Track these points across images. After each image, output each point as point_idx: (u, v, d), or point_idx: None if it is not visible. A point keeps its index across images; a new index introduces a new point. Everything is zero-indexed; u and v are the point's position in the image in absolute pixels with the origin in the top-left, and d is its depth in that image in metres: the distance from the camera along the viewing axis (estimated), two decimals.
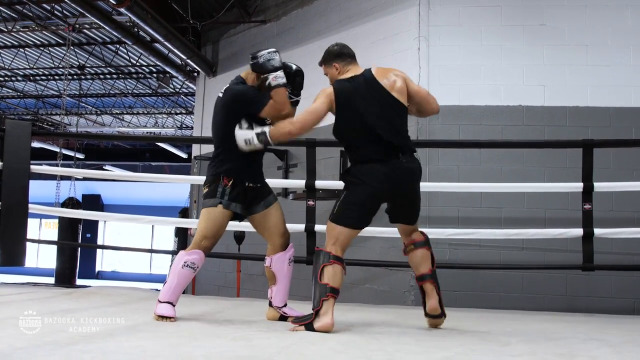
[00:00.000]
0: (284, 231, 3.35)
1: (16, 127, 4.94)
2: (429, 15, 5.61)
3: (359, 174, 2.97)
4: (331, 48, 3.25)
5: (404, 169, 2.98)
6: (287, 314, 3.24)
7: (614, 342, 2.79)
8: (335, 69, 3.18)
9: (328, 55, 3.24)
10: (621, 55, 5.32)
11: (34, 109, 16.48)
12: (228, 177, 3.13)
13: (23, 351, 2.09)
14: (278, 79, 3.12)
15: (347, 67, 3.17)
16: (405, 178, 3.00)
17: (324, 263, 2.89)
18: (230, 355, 2.18)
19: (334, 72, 3.19)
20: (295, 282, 6.42)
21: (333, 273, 2.88)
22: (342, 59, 3.19)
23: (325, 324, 2.79)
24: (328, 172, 6.04)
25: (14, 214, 4.71)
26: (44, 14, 9.88)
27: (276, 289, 3.30)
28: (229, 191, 3.12)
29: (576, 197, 4.45)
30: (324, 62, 3.26)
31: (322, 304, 2.82)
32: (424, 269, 3.14)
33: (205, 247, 3.13)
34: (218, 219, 3.13)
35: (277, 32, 7.56)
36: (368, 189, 2.94)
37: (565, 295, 5.05)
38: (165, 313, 3.01)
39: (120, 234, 21.50)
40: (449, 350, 2.43)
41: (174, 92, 14.16)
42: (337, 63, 3.18)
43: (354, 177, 2.99)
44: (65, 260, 12.80)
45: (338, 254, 2.94)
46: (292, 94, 3.28)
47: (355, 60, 3.21)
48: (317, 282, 2.88)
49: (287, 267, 3.31)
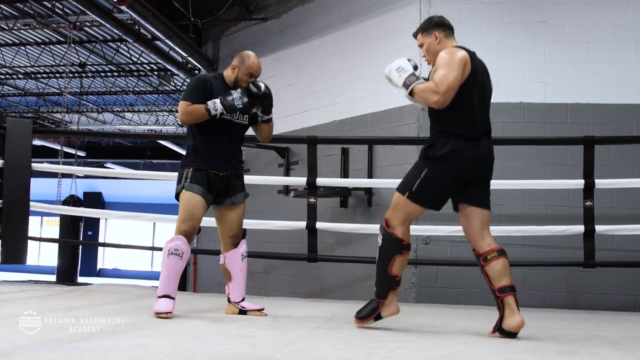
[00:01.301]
0: (237, 233, 3.42)
1: (17, 125, 4.95)
2: (430, 12, 5.59)
3: (447, 154, 2.81)
4: (431, 17, 3.08)
5: (489, 147, 2.92)
6: (246, 307, 3.36)
7: (616, 339, 2.80)
8: (436, 37, 2.97)
9: (429, 23, 3.03)
10: (622, 52, 5.31)
11: (35, 107, 16.47)
12: (189, 167, 3.28)
13: (25, 349, 2.09)
14: (210, 104, 3.21)
15: (446, 39, 2.98)
16: (490, 157, 2.93)
17: (396, 254, 2.85)
18: (231, 353, 2.18)
19: (432, 42, 2.99)
20: (297, 280, 6.47)
21: (403, 263, 2.88)
22: (443, 29, 3.00)
23: (393, 312, 2.90)
24: (329, 170, 6.04)
25: (15, 211, 4.72)
26: (44, 12, 9.87)
27: (232, 285, 3.40)
28: (190, 174, 3.25)
29: (577, 194, 4.45)
30: (423, 30, 3.03)
31: (389, 295, 2.87)
32: (507, 280, 2.77)
33: (184, 230, 3.18)
34: (187, 202, 3.21)
35: (277, 30, 7.56)
36: (454, 169, 2.80)
37: (566, 292, 5.05)
38: (161, 309, 3.03)
39: (121, 232, 21.52)
40: (450, 348, 2.44)
41: (175, 90, 14.14)
42: (437, 32, 2.98)
43: (440, 155, 2.81)
44: (67, 258, 12.81)
45: (408, 240, 2.89)
46: (262, 113, 3.39)
47: (454, 35, 3.06)
48: (385, 272, 2.85)
49: (240, 263, 3.41)
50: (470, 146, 2.82)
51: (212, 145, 3.29)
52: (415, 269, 5.23)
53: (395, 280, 2.87)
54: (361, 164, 5.92)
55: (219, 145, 3.31)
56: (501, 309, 2.75)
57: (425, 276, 5.19)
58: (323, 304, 4.24)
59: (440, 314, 3.75)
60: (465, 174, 2.84)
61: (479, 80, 2.87)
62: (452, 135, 2.82)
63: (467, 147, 2.81)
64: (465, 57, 2.81)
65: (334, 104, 6.39)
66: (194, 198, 3.21)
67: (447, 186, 2.86)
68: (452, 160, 2.80)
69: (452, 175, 2.83)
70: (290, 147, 6.88)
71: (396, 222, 2.86)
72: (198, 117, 3.22)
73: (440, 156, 2.81)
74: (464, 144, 2.81)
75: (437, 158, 2.82)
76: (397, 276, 2.86)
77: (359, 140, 5.84)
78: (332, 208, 6.13)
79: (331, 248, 5.90)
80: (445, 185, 2.85)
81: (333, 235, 5.60)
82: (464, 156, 2.80)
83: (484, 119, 2.93)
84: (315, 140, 4.73)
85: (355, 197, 6.01)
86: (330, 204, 6.11)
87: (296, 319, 3.28)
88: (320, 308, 3.89)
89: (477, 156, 2.84)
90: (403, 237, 2.85)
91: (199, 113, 3.21)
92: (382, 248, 2.87)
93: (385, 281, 2.86)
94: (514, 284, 2.79)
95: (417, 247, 5.26)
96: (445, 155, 2.80)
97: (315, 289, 6.18)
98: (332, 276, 6.01)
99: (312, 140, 4.73)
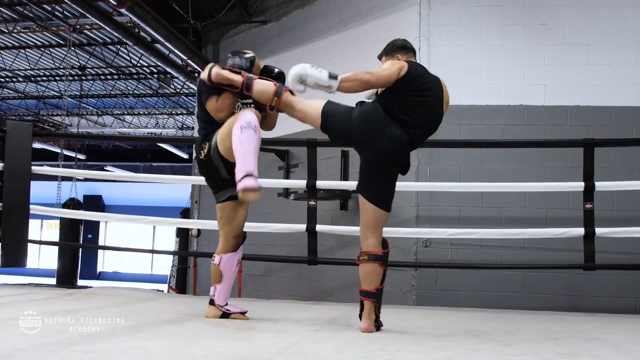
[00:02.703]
0: (240, 233, 3.31)
1: (17, 128, 4.94)
2: (430, 15, 5.61)
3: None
4: (394, 41, 3.18)
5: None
6: (230, 310, 3.25)
7: (616, 342, 2.79)
8: (398, 59, 3.08)
9: (392, 47, 3.15)
10: (622, 54, 5.32)
11: (35, 110, 16.49)
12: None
13: (24, 351, 2.09)
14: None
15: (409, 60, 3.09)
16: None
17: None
18: (231, 356, 2.18)
19: None
20: (297, 282, 6.47)
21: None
22: (405, 52, 3.11)
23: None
24: (329, 172, 6.05)
25: (15, 215, 4.72)
26: (44, 15, 9.88)
27: (220, 288, 3.26)
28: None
29: (577, 196, 4.45)
30: (387, 53, 3.15)
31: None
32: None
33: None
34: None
35: (277, 33, 7.57)
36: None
37: (566, 295, 5.05)
38: (248, 186, 2.84)
39: (121, 235, 21.51)
40: (450, 350, 2.43)
41: (174, 93, 14.17)
42: (400, 54, 3.10)
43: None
44: (67, 261, 12.80)
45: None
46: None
47: (416, 56, 3.17)
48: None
49: (234, 268, 3.30)
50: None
51: None
52: (416, 271, 5.23)
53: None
54: None
55: None
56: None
57: (425, 279, 5.19)
58: (323, 307, 4.23)
59: (441, 317, 3.75)
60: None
61: (423, 84, 2.93)
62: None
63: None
64: (402, 64, 2.92)
65: None
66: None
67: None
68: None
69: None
70: (290, 149, 6.88)
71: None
72: (229, 101, 3.14)
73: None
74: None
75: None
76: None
77: None
78: (332, 211, 6.13)
79: (331, 251, 5.90)
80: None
81: (333, 237, 5.60)
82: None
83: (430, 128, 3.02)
84: (315, 143, 4.73)
85: (355, 200, 6.01)
86: (330, 207, 6.11)
87: (296, 321, 3.28)
88: (320, 311, 3.89)
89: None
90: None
91: (228, 95, 3.12)
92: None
93: None
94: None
95: (417, 249, 5.26)
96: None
97: (315, 291, 6.17)
98: (332, 279, 6.01)
99: (312, 143, 4.73)
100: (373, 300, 2.90)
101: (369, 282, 2.92)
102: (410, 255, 5.24)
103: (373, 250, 2.93)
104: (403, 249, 5.22)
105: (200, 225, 7.09)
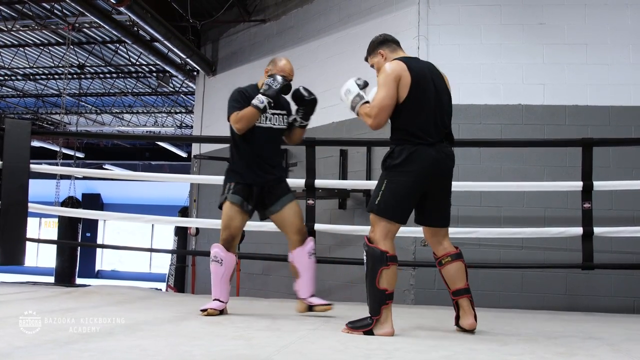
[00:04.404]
0: (300, 227, 3.56)
1: (16, 126, 4.94)
2: (429, 14, 5.61)
3: (405, 160, 2.86)
4: (375, 38, 3.16)
5: (448, 152, 2.97)
6: (314, 303, 3.49)
7: (614, 341, 2.80)
8: (382, 55, 3.07)
9: (372, 45, 3.13)
10: (620, 54, 5.32)
11: (34, 108, 16.47)
12: (232, 181, 3.48)
13: (23, 350, 2.09)
14: (255, 100, 3.35)
15: (393, 52, 3.07)
16: (449, 162, 2.98)
17: (381, 267, 2.77)
18: (229, 354, 2.18)
19: (380, 60, 3.08)
20: (294, 282, 6.44)
21: (392, 276, 2.79)
22: (387, 45, 3.09)
23: (387, 332, 2.77)
24: (327, 171, 6.04)
25: (14, 213, 4.71)
26: (43, 13, 9.87)
27: (300, 282, 3.54)
28: (232, 187, 3.43)
29: (576, 195, 4.45)
30: (369, 53, 3.14)
31: (382, 312, 2.76)
32: (461, 283, 2.98)
33: (222, 239, 3.40)
34: (227, 213, 3.41)
35: (276, 31, 7.56)
36: (413, 174, 2.84)
37: (565, 294, 5.05)
38: (206, 306, 3.31)
39: (119, 233, 21.51)
40: (448, 350, 2.43)
41: (173, 91, 14.15)
42: (382, 49, 3.08)
43: (398, 162, 2.87)
44: (65, 259, 12.78)
45: (393, 252, 2.83)
46: (302, 119, 3.58)
47: (400, 46, 3.13)
48: (374, 287, 2.77)
49: (307, 260, 3.55)
50: (426, 150, 2.87)
51: (249, 157, 3.45)
52: (414, 270, 5.23)
53: (386, 294, 2.76)
54: (360, 165, 5.92)
55: (256, 156, 3.45)
56: (456, 310, 2.99)
57: (423, 278, 5.19)
58: None
59: (439, 316, 3.75)
60: (424, 178, 2.88)
61: (423, 85, 2.90)
62: (407, 141, 2.89)
63: (423, 150, 2.86)
64: (399, 70, 2.88)
65: (332, 106, 6.38)
66: (232, 209, 3.40)
67: (408, 195, 2.88)
68: (409, 166, 2.85)
69: (412, 181, 2.86)
70: (288, 148, 6.87)
71: (377, 237, 2.85)
72: (250, 117, 3.36)
73: (399, 164, 2.87)
74: (420, 148, 2.86)
75: (396, 166, 2.87)
76: (387, 290, 2.76)
77: (358, 142, 5.84)
78: (331, 210, 6.13)
79: (330, 249, 5.90)
80: (406, 194, 2.87)
81: (331, 236, 5.60)
82: (420, 159, 2.85)
83: (440, 123, 2.96)
84: (313, 142, 4.73)
85: (353, 199, 6.01)
86: (329, 206, 6.11)
87: (294, 320, 3.28)
88: None
89: (434, 159, 2.88)
90: (386, 250, 2.81)
91: (249, 113, 3.35)
92: (367, 263, 2.84)
93: (376, 296, 2.77)
94: (469, 286, 2.98)
95: (415, 249, 5.27)
96: (403, 162, 2.86)
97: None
98: (330, 278, 6.01)
99: (311, 142, 4.73)
100: (470, 295, 2.99)
101: (462, 279, 3.01)
102: (408, 255, 5.24)
103: (452, 250, 3.08)
104: (401, 248, 5.21)
105: (198, 224, 7.10)
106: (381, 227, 2.85)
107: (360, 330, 2.78)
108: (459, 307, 2.98)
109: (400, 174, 2.86)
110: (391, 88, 2.86)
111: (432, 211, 3.01)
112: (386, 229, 2.85)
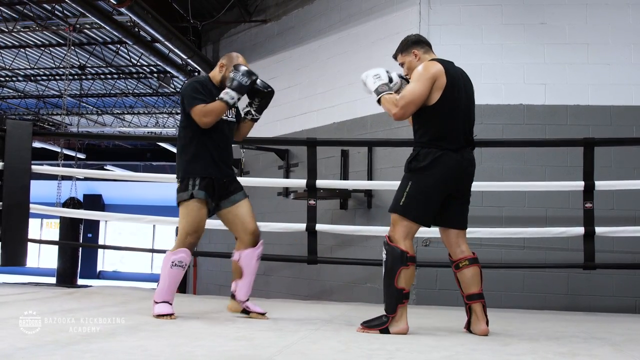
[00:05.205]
0: (255, 228, 3.37)
1: (17, 127, 4.95)
2: (430, 14, 5.60)
3: (431, 163, 2.89)
4: (408, 36, 3.16)
5: (470, 158, 3.01)
6: (250, 308, 3.34)
7: (616, 341, 2.79)
8: (415, 55, 3.07)
9: (406, 43, 3.12)
10: (622, 54, 5.32)
11: (35, 109, 16.48)
12: (194, 176, 3.23)
13: (24, 351, 2.09)
14: (226, 96, 3.19)
15: (426, 54, 3.07)
16: (470, 168, 3.02)
17: (401, 267, 2.84)
18: (231, 355, 2.18)
19: (412, 60, 3.07)
20: (296, 282, 6.47)
21: (410, 276, 2.87)
22: (421, 46, 3.09)
23: (403, 329, 2.83)
24: (329, 172, 6.04)
25: (15, 214, 4.72)
26: (44, 14, 9.87)
27: (241, 284, 3.35)
28: (197, 182, 3.20)
29: (577, 195, 4.45)
30: (402, 51, 3.13)
31: (398, 310, 2.83)
32: (475, 288, 3.00)
33: (189, 243, 3.19)
34: (194, 213, 3.19)
35: (277, 32, 7.56)
36: (438, 177, 2.88)
37: (566, 294, 5.05)
38: (163, 312, 3.08)
39: (121, 234, 21.51)
40: (450, 350, 2.43)
41: (174, 92, 14.15)
42: (416, 50, 3.07)
43: (424, 166, 2.89)
44: (67, 260, 12.80)
45: (413, 253, 2.89)
46: (256, 112, 3.43)
47: (432, 48, 3.13)
48: (392, 286, 2.84)
49: (254, 264, 3.36)
50: (452, 155, 2.91)
51: (213, 149, 3.26)
52: (416, 270, 5.22)
53: (403, 294, 2.83)
54: (361, 166, 5.92)
55: (218, 149, 3.30)
56: (468, 314, 2.99)
57: (425, 278, 5.18)
58: (323, 306, 4.23)
59: (440, 316, 3.75)
60: (448, 182, 2.92)
61: (456, 91, 2.94)
62: (433, 145, 2.91)
63: (449, 156, 2.90)
64: (437, 71, 2.91)
65: (333, 106, 6.39)
66: (201, 210, 3.20)
67: (432, 198, 2.92)
68: (435, 169, 2.88)
69: (436, 184, 2.90)
70: (290, 149, 6.88)
71: (398, 237, 2.90)
72: (219, 113, 3.19)
73: (424, 167, 2.89)
74: (446, 153, 2.90)
75: (422, 169, 2.90)
76: (405, 289, 2.84)
77: (359, 142, 5.84)
78: (332, 210, 6.12)
79: (331, 250, 5.90)
80: (430, 196, 2.91)
81: (333, 237, 5.60)
82: (446, 164, 2.89)
83: (466, 130, 3.00)
84: (315, 142, 4.73)
85: (355, 199, 6.01)
86: (330, 206, 6.11)
87: (296, 320, 3.28)
88: (320, 310, 3.89)
89: (458, 164, 2.93)
90: (407, 250, 2.86)
91: (219, 108, 3.18)
92: (387, 262, 2.89)
93: (393, 295, 2.84)
94: (482, 291, 2.97)
95: (417, 249, 5.22)
96: (429, 165, 2.89)
97: (315, 291, 6.17)
98: (331, 278, 6.01)
99: (312, 142, 4.73)
100: (483, 300, 2.99)
101: (477, 284, 3.01)
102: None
103: (469, 254, 3.08)
104: None
105: None
106: (403, 226, 2.90)
107: (376, 329, 2.84)
108: (471, 312, 2.99)
109: (426, 177, 2.90)
110: (426, 86, 2.88)
111: (453, 214, 3.05)
112: (407, 229, 2.90)
